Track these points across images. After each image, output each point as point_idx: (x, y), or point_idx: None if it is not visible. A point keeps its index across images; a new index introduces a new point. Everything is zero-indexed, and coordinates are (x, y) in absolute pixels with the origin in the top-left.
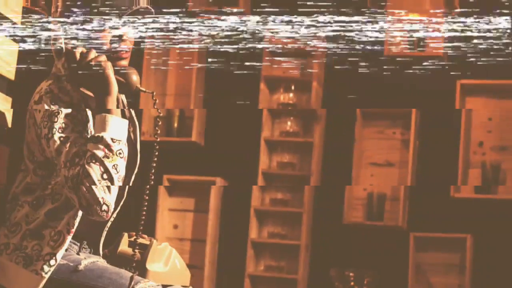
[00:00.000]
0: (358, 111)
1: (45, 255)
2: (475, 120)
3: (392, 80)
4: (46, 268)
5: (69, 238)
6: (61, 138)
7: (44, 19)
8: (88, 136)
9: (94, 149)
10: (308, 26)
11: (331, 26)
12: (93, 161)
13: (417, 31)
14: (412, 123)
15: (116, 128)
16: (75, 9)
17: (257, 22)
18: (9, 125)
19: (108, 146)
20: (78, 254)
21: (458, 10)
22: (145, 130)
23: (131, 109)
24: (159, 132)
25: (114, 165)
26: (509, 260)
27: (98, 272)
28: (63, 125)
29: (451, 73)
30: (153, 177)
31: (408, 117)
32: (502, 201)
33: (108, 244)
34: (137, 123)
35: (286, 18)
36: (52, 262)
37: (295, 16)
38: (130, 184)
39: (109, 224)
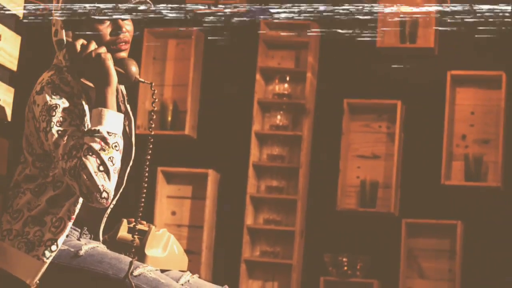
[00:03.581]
0: (345, 105)
1: (47, 240)
2: (458, 114)
3: (383, 71)
4: (47, 253)
5: (70, 224)
6: (59, 132)
7: (45, 11)
8: (85, 130)
9: (91, 142)
10: (302, 16)
11: (324, 17)
12: (90, 153)
13: (408, 22)
14: (397, 116)
15: (112, 122)
16: (76, 2)
17: (253, 12)
18: (9, 118)
19: (104, 139)
20: (78, 240)
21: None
22: (140, 123)
23: (126, 104)
24: (153, 125)
25: (110, 158)
26: (498, 246)
27: (98, 257)
28: (61, 118)
29: (441, 64)
30: (147, 169)
31: (393, 111)
32: (492, 189)
33: (108, 230)
34: (132, 117)
35: (280, 8)
36: (54, 247)
37: (290, 5)
38: (126, 176)
39: (109, 210)
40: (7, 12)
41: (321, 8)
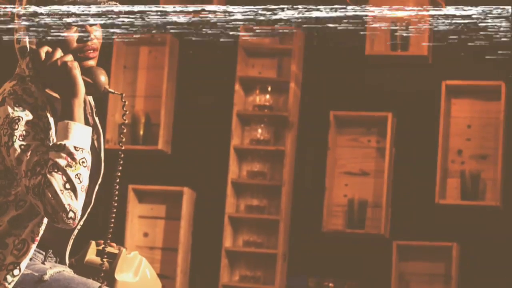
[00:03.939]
0: (331, 117)
1: (8, 264)
2: (453, 127)
3: (372, 81)
4: (9, 278)
5: (33, 246)
6: (22, 146)
7: (8, 14)
8: (50, 144)
9: (56, 157)
10: (285, 23)
11: (309, 23)
12: (55, 170)
13: (400, 29)
14: (388, 129)
15: (79, 136)
16: (40, 6)
17: (232, 18)
18: None
19: (71, 155)
20: (43, 263)
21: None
22: (109, 137)
23: (95, 116)
24: (124, 140)
25: (77, 174)
26: (496, 270)
27: (64, 282)
28: (24, 132)
29: (436, 73)
30: (117, 187)
31: (383, 124)
32: (490, 208)
33: (75, 253)
34: (101, 130)
35: (261, 14)
36: (16, 272)
37: (271, 12)
38: (94, 194)
39: (75, 232)
40: None
41: (306, 12)
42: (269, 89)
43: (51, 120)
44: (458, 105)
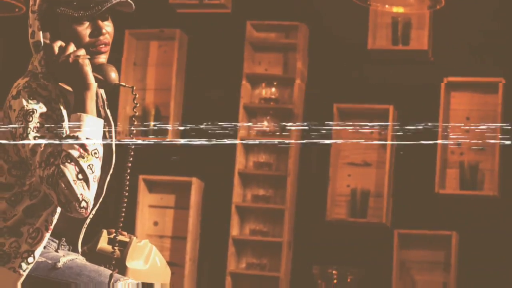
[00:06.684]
0: (335, 109)
1: (23, 252)
2: (453, 118)
3: (375, 75)
4: (24, 265)
5: (47, 235)
6: (36, 138)
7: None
8: (63, 136)
9: (69, 148)
10: (290, 19)
11: (314, 19)
12: (68, 160)
13: (401, 23)
14: (389, 122)
15: (92, 128)
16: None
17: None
18: None
19: (83, 146)
20: (56, 251)
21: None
22: (120, 129)
23: (107, 109)
24: (134, 132)
25: (89, 165)
26: (494, 258)
27: (77, 269)
28: (38, 124)
29: (436, 69)
30: (128, 178)
31: (385, 116)
32: (488, 198)
33: (87, 241)
34: (112, 122)
35: (267, 11)
36: (30, 259)
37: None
38: (106, 185)
39: (88, 221)
40: None
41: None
42: (275, 83)
43: (64, 112)
44: (458, 98)
